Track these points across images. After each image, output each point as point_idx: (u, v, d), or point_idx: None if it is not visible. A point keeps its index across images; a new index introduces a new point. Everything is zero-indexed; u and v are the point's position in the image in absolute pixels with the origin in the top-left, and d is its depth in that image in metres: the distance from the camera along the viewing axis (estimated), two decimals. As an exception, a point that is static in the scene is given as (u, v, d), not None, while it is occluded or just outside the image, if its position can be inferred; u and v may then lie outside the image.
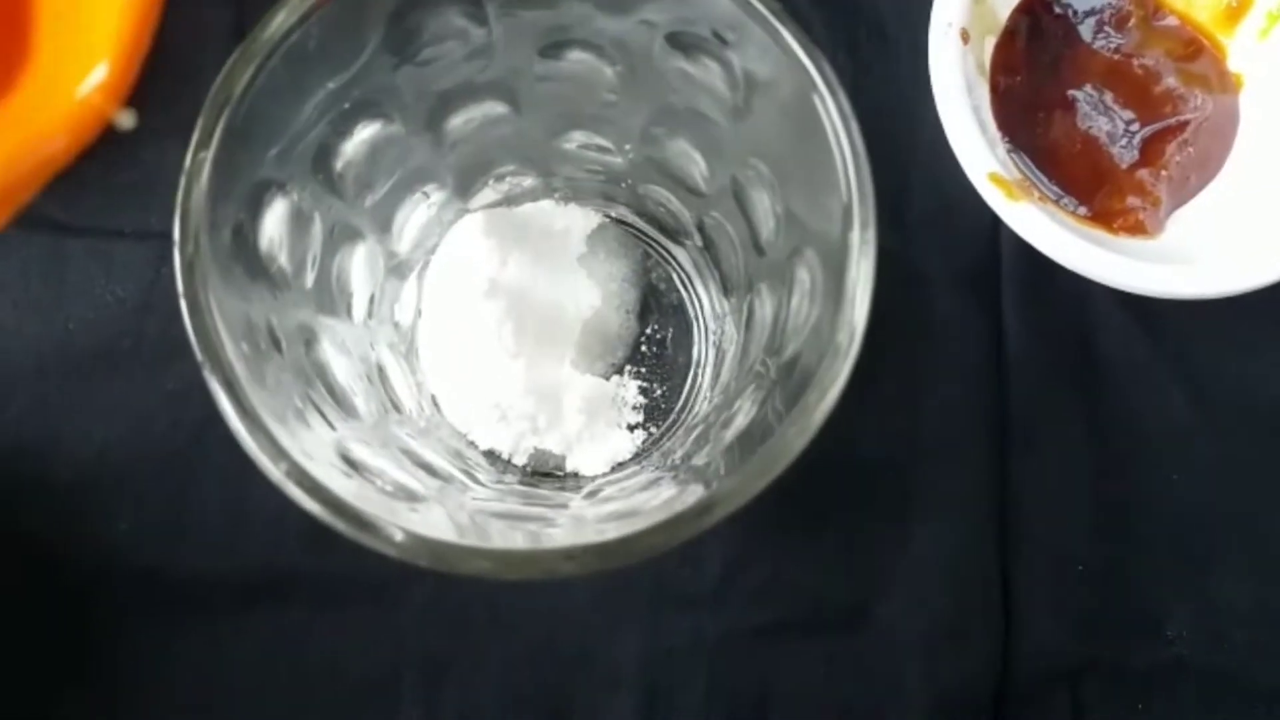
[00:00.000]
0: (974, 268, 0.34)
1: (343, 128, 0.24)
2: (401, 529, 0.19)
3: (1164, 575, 0.33)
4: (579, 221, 0.33)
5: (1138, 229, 0.32)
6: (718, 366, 0.31)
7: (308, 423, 0.22)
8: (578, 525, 0.26)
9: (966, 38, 0.31)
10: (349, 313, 0.27)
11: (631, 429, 0.32)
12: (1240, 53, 0.33)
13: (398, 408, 0.29)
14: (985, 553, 0.33)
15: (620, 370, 0.33)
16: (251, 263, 0.23)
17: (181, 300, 0.20)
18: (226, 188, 0.21)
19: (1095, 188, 0.33)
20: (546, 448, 0.31)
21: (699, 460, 0.27)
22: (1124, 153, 0.33)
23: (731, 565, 0.32)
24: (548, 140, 0.29)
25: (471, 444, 0.31)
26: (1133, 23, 0.34)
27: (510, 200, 0.32)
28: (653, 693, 0.32)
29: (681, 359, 0.33)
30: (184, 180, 0.20)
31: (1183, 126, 0.33)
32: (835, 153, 0.21)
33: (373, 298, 0.29)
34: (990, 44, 0.33)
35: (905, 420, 0.33)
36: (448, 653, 0.32)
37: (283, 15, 0.21)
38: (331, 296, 0.26)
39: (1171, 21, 0.34)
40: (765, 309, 0.27)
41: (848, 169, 0.21)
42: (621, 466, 0.31)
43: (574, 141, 0.29)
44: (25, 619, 0.31)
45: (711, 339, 0.32)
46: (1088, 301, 0.34)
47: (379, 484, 0.22)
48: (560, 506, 0.28)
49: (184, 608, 0.32)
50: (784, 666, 0.32)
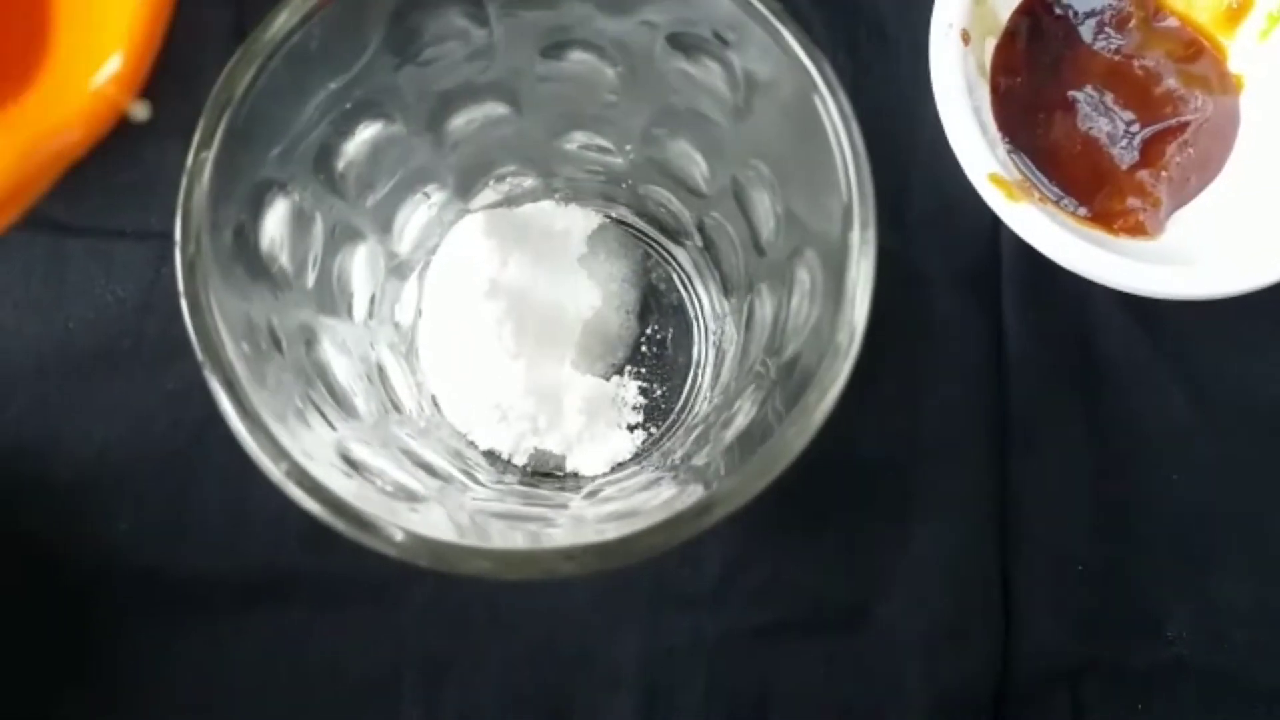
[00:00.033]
0: (974, 268, 0.34)
1: (344, 128, 0.24)
2: (401, 529, 0.19)
3: (1164, 575, 0.33)
4: (579, 222, 0.33)
5: (1138, 230, 0.32)
6: (718, 367, 0.31)
7: (308, 423, 0.22)
8: (577, 525, 0.26)
9: (967, 39, 0.31)
10: (349, 313, 0.27)
11: (631, 429, 0.32)
12: (1241, 54, 0.33)
13: (398, 408, 0.29)
14: (985, 553, 0.33)
15: (620, 370, 0.33)
16: (252, 263, 0.23)
17: (182, 300, 0.20)
18: (228, 188, 0.21)
19: (1095, 188, 0.33)
20: (546, 448, 0.31)
21: (699, 460, 0.27)
22: (1124, 154, 0.33)
23: (731, 565, 0.32)
24: (548, 141, 0.29)
25: (471, 444, 0.31)
26: (1133, 24, 0.34)
27: (511, 200, 0.32)
28: (653, 693, 0.32)
29: (681, 359, 0.33)
30: (185, 180, 0.20)
31: (1183, 128, 0.33)
32: (835, 153, 0.21)
33: (373, 298, 0.29)
34: (991, 45, 0.33)
35: (905, 420, 0.33)
36: (448, 653, 0.32)
37: (284, 16, 0.21)
38: (332, 296, 0.26)
39: (1172, 23, 0.34)
40: (765, 309, 0.27)
41: (848, 169, 0.21)
42: (621, 467, 0.31)
43: (575, 142, 0.29)
44: (25, 619, 0.31)
45: (711, 339, 0.32)
46: (1088, 302, 0.34)
47: (379, 484, 0.22)
48: (560, 506, 0.28)
49: (184, 608, 0.32)
50: (784, 666, 0.32)
